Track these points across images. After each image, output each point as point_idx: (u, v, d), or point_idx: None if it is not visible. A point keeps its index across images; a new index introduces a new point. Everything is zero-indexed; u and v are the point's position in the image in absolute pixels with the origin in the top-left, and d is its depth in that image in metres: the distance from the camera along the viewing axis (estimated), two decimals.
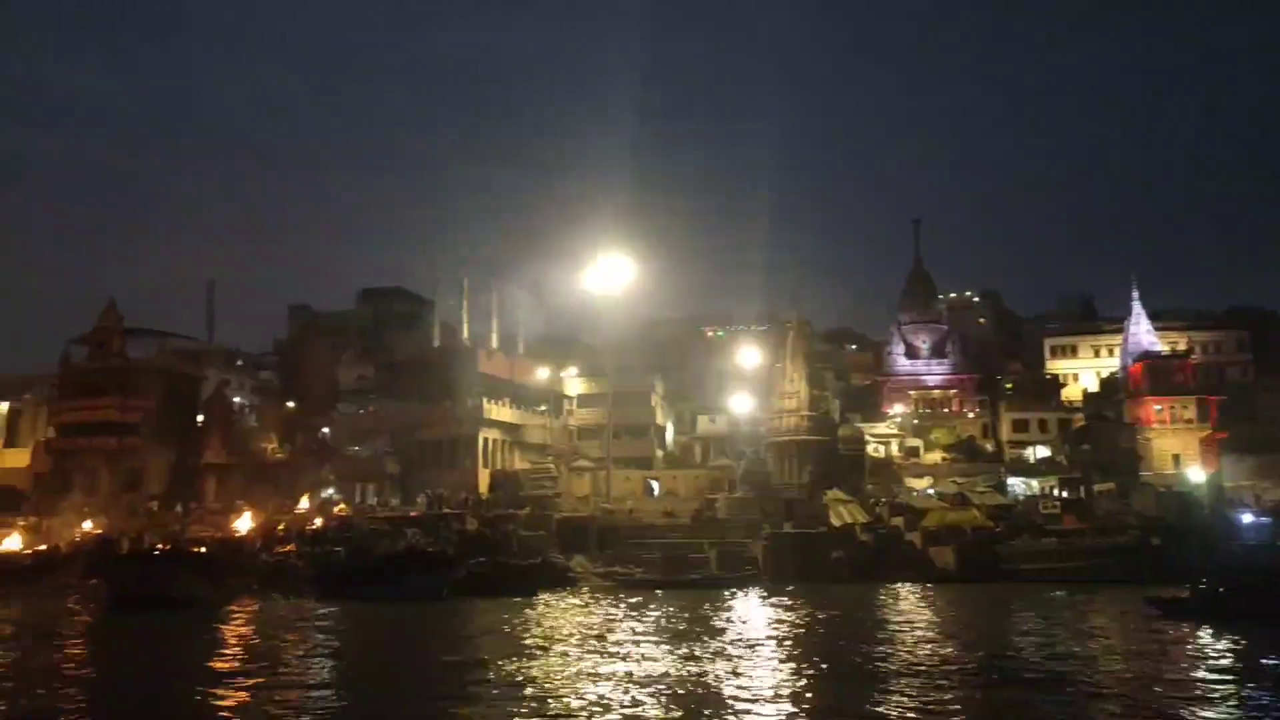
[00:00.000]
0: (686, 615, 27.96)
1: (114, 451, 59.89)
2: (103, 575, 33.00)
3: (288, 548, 43.83)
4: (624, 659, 18.81)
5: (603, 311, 62.81)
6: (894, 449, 63.87)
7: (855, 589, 38.65)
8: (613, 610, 30.19)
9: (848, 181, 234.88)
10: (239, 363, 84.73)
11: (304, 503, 54.01)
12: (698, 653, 19.65)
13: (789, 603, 32.18)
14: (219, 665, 19.23)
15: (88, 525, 50.68)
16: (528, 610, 30.25)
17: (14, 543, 47.70)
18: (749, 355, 69.34)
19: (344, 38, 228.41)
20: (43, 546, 46.69)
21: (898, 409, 68.04)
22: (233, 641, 23.90)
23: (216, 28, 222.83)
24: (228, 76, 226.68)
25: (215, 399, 65.66)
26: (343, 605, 32.20)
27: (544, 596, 35.49)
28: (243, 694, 15.79)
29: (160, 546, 39.44)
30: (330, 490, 58.27)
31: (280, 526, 47.82)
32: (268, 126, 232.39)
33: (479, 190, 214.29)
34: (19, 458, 66.79)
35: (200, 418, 65.23)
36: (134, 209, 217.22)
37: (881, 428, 64.43)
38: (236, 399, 74.14)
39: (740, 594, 36.61)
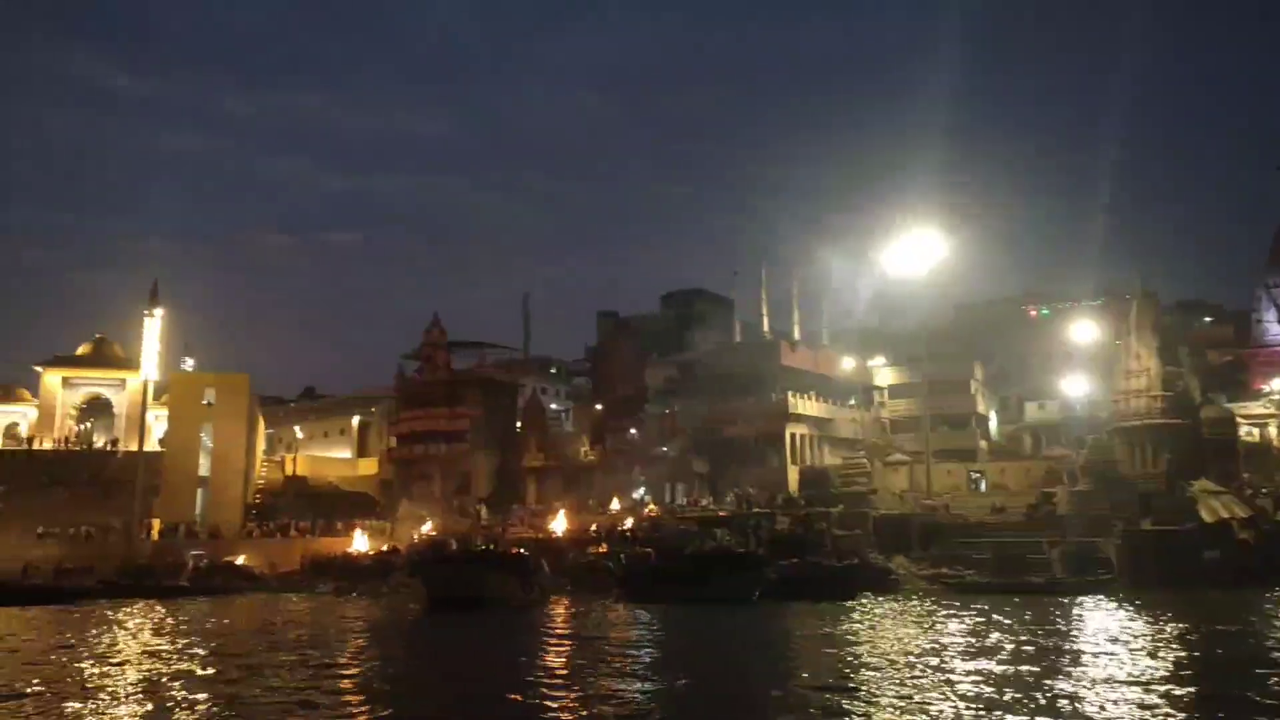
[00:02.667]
0: (1044, 628, 23.78)
1: (444, 458, 63.84)
2: (422, 576, 34.20)
3: (600, 548, 43.98)
4: (994, 682, 15.42)
5: (911, 295, 58.54)
6: (1272, 431, 54.33)
7: (1238, 596, 32.38)
8: (953, 618, 26.58)
9: (1197, 138, 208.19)
10: (553, 370, 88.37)
11: (615, 503, 54.45)
12: (1086, 681, 15.70)
13: (1162, 614, 26.94)
14: (528, 669, 18.24)
15: (426, 527, 53.94)
16: (853, 616, 27.45)
17: (362, 544, 51.73)
18: (1084, 332, 62.01)
19: (641, 52, 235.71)
20: (384, 548, 50.19)
21: (1275, 384, 58.02)
22: (540, 644, 23.19)
23: (534, 61, 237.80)
24: (541, 103, 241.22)
25: (531, 405, 68.44)
26: (652, 607, 31.12)
27: (864, 600, 32.51)
28: (555, 702, 14.35)
29: (484, 547, 40.81)
30: (641, 490, 58.55)
31: (592, 527, 48.27)
32: (576, 144, 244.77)
33: (777, 186, 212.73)
34: (369, 466, 73.39)
35: (519, 424, 68.20)
36: (460, 232, 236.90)
37: (1256, 407, 55.05)
38: (552, 405, 77.18)
39: (1095, 601, 31.64)
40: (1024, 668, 16.94)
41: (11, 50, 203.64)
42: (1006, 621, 25.37)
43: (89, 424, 69.66)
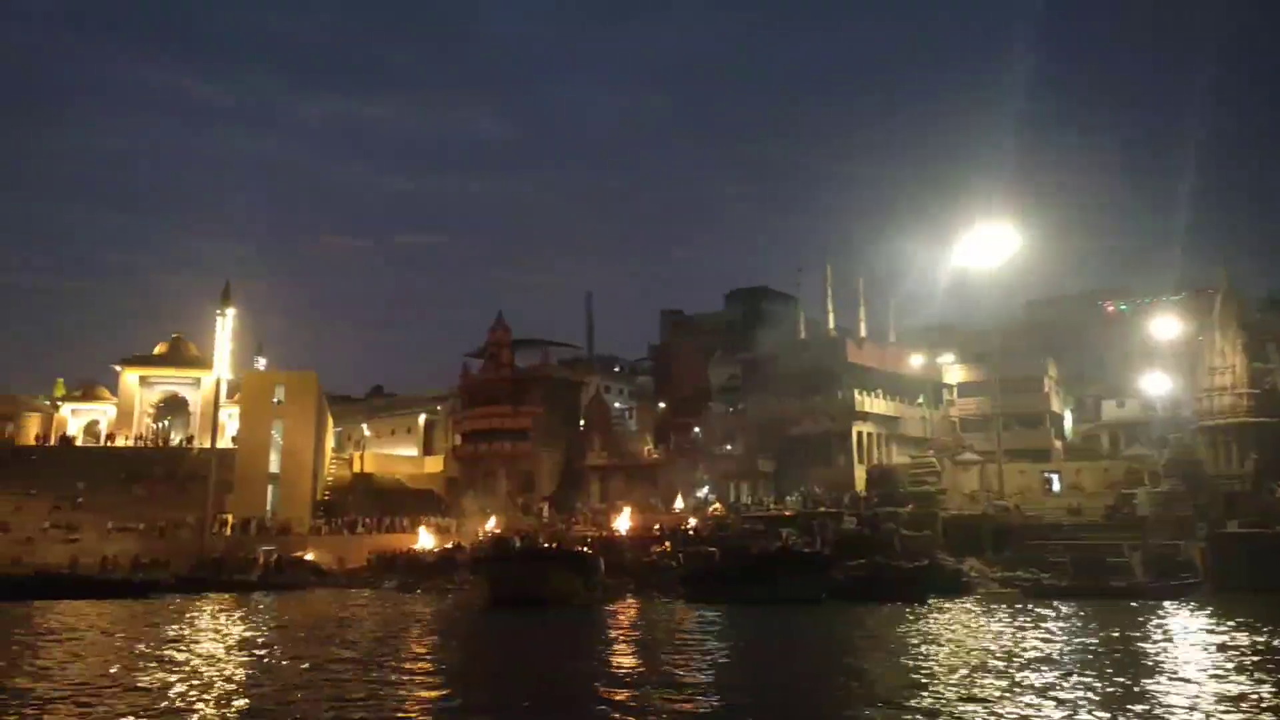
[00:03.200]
0: (1138, 634, 22.48)
1: (508, 455, 64.04)
2: (485, 573, 34.11)
3: (663, 547, 43.63)
4: (1099, 695, 14.31)
5: (981, 290, 57.07)
6: None
7: None
8: (1037, 623, 25.41)
9: None
10: (616, 368, 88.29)
11: (679, 502, 54.06)
12: (1201, 694, 14.33)
13: (1258, 621, 25.37)
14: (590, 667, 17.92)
15: (490, 525, 54.12)
16: (928, 620, 26.52)
17: (427, 541, 52.07)
18: (1165, 328, 59.88)
19: (703, 51, 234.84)
20: (449, 545, 50.44)
21: None
22: (603, 641, 22.90)
23: (596, 62, 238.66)
24: (603, 104, 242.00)
25: (594, 404, 68.37)
26: (716, 607, 30.60)
27: (935, 603, 31.56)
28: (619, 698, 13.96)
29: (548, 545, 40.69)
30: (705, 489, 58.09)
31: (656, 526, 47.93)
32: (639, 144, 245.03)
33: (844, 183, 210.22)
34: (434, 464, 74.02)
35: (582, 422, 68.16)
36: (524, 232, 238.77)
37: None
38: (616, 404, 77.05)
39: (1182, 606, 30.28)
40: (1130, 680, 15.81)
41: (91, 61, 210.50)
42: (1095, 628, 24.21)
43: (166, 421, 71.52)
